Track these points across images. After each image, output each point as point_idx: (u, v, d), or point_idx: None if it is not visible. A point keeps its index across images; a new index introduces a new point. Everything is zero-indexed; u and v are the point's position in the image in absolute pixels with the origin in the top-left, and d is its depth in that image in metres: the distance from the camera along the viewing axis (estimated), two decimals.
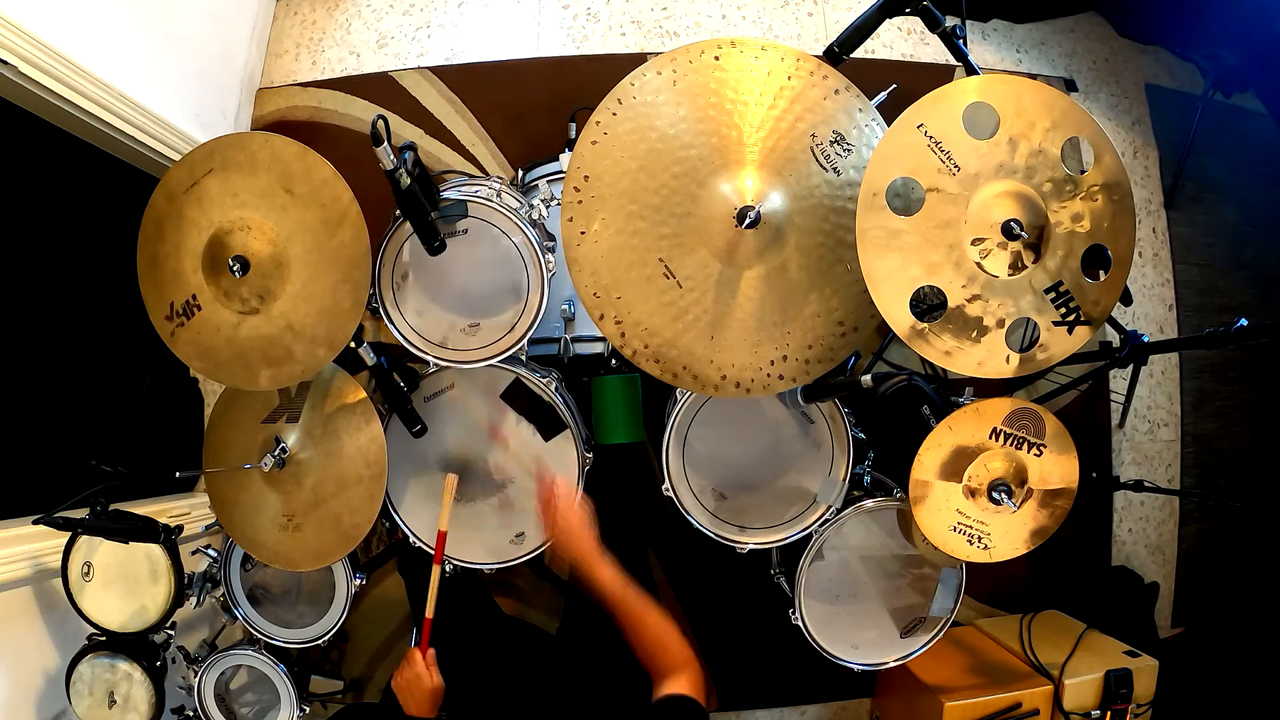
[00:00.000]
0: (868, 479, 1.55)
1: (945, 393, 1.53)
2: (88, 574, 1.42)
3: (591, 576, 1.21)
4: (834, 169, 1.24)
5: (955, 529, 1.37)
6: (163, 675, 1.45)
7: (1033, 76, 2.21)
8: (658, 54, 1.23)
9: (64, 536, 1.38)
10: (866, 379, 1.22)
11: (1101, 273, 1.21)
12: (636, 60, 1.25)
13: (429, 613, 1.34)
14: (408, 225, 1.30)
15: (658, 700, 1.08)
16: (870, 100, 1.26)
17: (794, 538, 1.49)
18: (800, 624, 1.53)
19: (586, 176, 1.24)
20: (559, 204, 1.32)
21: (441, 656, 1.31)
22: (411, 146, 1.24)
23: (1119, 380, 2.19)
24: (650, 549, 2.06)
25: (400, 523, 1.53)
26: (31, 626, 1.45)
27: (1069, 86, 2.36)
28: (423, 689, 1.27)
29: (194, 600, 1.55)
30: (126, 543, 1.37)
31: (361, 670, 2.09)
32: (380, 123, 1.10)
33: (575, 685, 1.42)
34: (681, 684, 1.09)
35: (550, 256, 1.38)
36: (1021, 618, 2.02)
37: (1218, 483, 2.34)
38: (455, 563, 1.52)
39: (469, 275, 1.40)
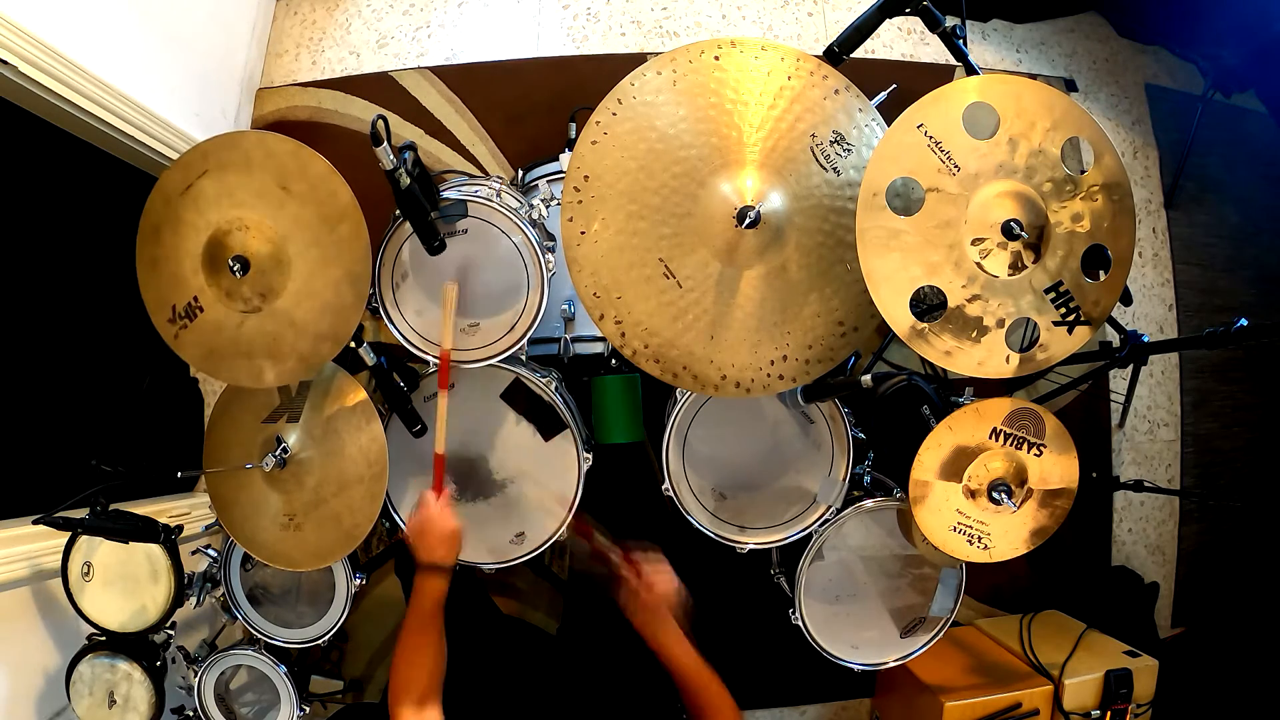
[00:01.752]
0: (868, 479, 1.55)
1: (945, 393, 1.53)
2: (88, 574, 1.42)
3: (667, 653, 1.22)
4: (834, 169, 1.24)
5: (955, 529, 1.37)
6: (163, 675, 1.45)
7: (1033, 76, 2.21)
8: (658, 54, 1.23)
9: (64, 536, 1.38)
10: (866, 379, 1.22)
11: (1101, 273, 1.21)
12: (636, 60, 1.25)
13: (439, 449, 1.26)
14: (408, 225, 1.30)
15: None
16: (870, 100, 1.25)
17: (794, 538, 1.49)
18: (800, 624, 1.53)
19: (586, 176, 1.24)
20: (559, 204, 1.32)
21: None
22: (411, 146, 1.24)
23: (1119, 380, 2.19)
24: None
25: (400, 523, 1.53)
26: (32, 626, 1.45)
27: (1069, 86, 2.36)
28: (439, 530, 1.19)
29: (194, 600, 1.55)
30: (126, 543, 1.37)
31: (361, 670, 2.09)
32: (380, 123, 1.10)
33: (575, 685, 1.42)
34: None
35: (550, 256, 1.38)
36: (1021, 618, 2.01)
37: (1218, 483, 2.33)
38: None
39: (469, 275, 1.40)
